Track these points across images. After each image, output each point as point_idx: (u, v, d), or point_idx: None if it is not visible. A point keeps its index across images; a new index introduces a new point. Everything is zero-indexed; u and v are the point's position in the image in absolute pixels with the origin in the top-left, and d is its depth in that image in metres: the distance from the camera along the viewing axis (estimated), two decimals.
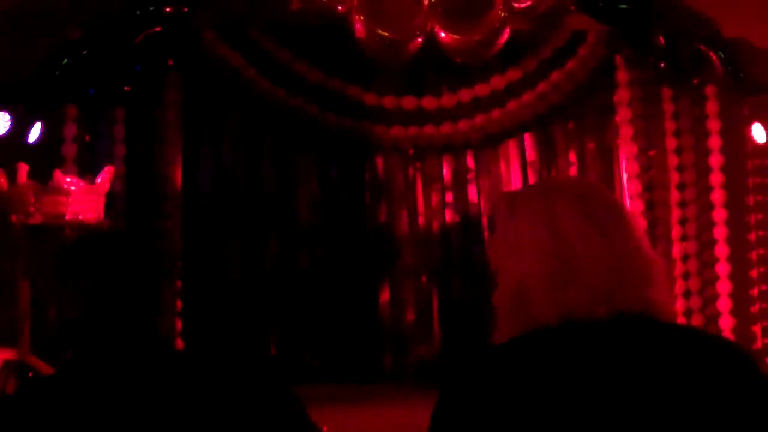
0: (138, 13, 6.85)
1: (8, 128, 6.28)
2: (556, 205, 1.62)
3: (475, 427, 1.53)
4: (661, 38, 7.32)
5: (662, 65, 7.39)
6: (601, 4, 7.41)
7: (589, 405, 1.49)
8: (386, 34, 7.16)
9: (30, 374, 5.16)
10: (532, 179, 7.53)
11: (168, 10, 6.91)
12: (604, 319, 1.54)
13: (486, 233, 7.46)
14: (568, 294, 1.56)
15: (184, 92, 7.11)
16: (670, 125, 7.45)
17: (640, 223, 1.70)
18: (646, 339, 1.54)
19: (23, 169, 5.88)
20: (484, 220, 7.49)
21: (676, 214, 7.21)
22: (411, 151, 7.54)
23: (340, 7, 7.13)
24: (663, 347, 1.54)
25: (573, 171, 7.40)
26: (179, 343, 6.42)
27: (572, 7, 7.38)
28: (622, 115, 7.50)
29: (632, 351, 1.53)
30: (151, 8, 6.88)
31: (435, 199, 7.58)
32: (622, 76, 7.53)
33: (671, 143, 7.42)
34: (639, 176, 7.27)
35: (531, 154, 7.66)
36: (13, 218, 5.71)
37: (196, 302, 6.87)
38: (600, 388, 1.50)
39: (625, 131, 7.46)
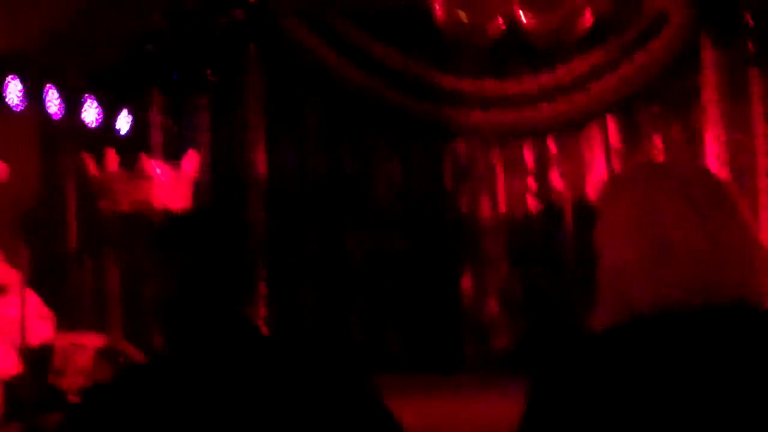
0: None
1: (98, 117, 6.35)
2: (657, 189, 1.59)
3: (570, 421, 1.52)
4: (749, 18, 7.14)
5: (750, 46, 7.21)
6: None
7: (683, 400, 1.47)
8: (466, 16, 7.11)
9: (121, 359, 5.25)
10: (615, 164, 7.41)
11: None
12: (701, 309, 1.51)
13: (569, 219, 7.37)
14: (662, 281, 1.53)
15: (266, 78, 7.13)
16: (757, 108, 7.26)
17: (746, 211, 1.65)
18: (744, 330, 1.50)
19: (112, 156, 5.96)
20: (567, 207, 7.40)
21: (764, 200, 7.04)
22: (491, 136, 7.47)
23: None
24: (761, 339, 1.51)
25: (658, 156, 7.26)
26: (264, 329, 6.48)
27: None
28: (708, 98, 7.33)
29: (729, 343, 1.49)
30: None
31: (517, 185, 7.49)
32: (707, 57, 7.35)
33: (759, 127, 7.24)
34: (726, 161, 7.12)
35: (614, 138, 7.53)
36: (102, 205, 5.80)
37: (279, 288, 6.91)
38: (697, 384, 1.47)
39: (712, 114, 7.29)
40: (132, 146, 6.31)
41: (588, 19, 7.19)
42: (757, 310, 1.50)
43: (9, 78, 6.02)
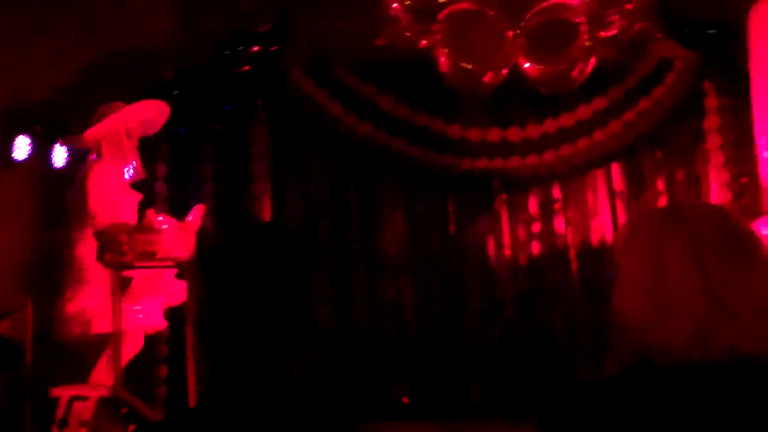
0: (227, 53, 7.02)
1: (65, 161, 6.44)
2: (664, 242, 1.62)
3: None
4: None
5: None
6: (687, 31, 7.34)
7: None
8: (470, 67, 7.19)
9: (124, 410, 5.27)
10: (620, 209, 7.44)
11: (256, 49, 7.07)
12: (699, 362, 1.52)
13: (574, 264, 7.38)
14: (665, 334, 1.55)
15: (271, 129, 7.23)
16: None
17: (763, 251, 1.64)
18: (747, 386, 1.51)
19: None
20: (572, 252, 7.41)
21: None
22: (496, 183, 7.51)
23: (424, 42, 7.18)
24: (757, 393, 1.51)
25: (662, 200, 7.28)
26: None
27: (659, 35, 7.31)
28: (712, 142, 7.37)
29: (729, 397, 1.50)
30: (240, 48, 7.05)
31: (522, 231, 7.53)
32: (711, 102, 7.40)
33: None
34: (731, 204, 7.11)
35: (619, 183, 7.57)
36: (107, 257, 5.84)
37: None
38: None
39: (716, 158, 7.32)
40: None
41: (592, 65, 7.23)
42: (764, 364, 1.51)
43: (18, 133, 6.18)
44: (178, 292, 5.84)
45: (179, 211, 6.35)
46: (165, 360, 6.43)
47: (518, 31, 7.22)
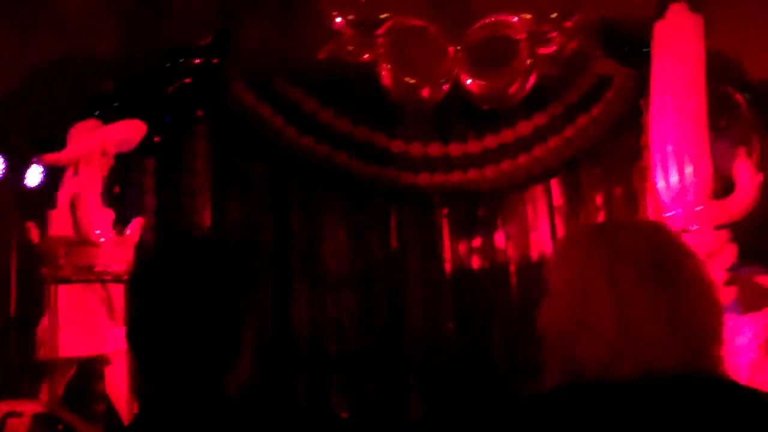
0: (168, 65, 6.97)
1: (41, 180, 6.38)
2: (583, 257, 1.63)
3: None
4: None
5: None
6: (626, 49, 7.45)
7: None
8: (412, 81, 7.22)
9: (59, 426, 5.20)
10: (559, 224, 7.52)
11: (197, 62, 7.03)
12: (611, 382, 1.53)
13: (514, 278, 7.44)
14: (574, 352, 1.57)
15: (212, 142, 7.20)
16: None
17: (696, 272, 1.64)
18: (648, 405, 1.53)
19: (54, 220, 5.96)
20: (512, 266, 7.47)
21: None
22: (437, 198, 7.56)
23: (366, 56, 7.21)
24: (661, 414, 1.53)
25: (600, 216, 7.37)
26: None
27: (597, 53, 7.42)
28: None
29: (628, 418, 1.52)
30: (181, 60, 7.00)
31: (462, 245, 7.57)
32: (648, 119, 7.52)
33: None
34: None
35: (558, 198, 7.65)
36: (44, 271, 5.78)
37: None
38: None
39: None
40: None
41: (532, 82, 7.31)
42: (689, 380, 1.53)
43: None
44: None
45: (118, 224, 6.31)
46: (102, 375, 6.34)
47: (459, 47, 7.28)
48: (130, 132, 6.39)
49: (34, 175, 6.32)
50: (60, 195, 6.00)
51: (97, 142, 6.16)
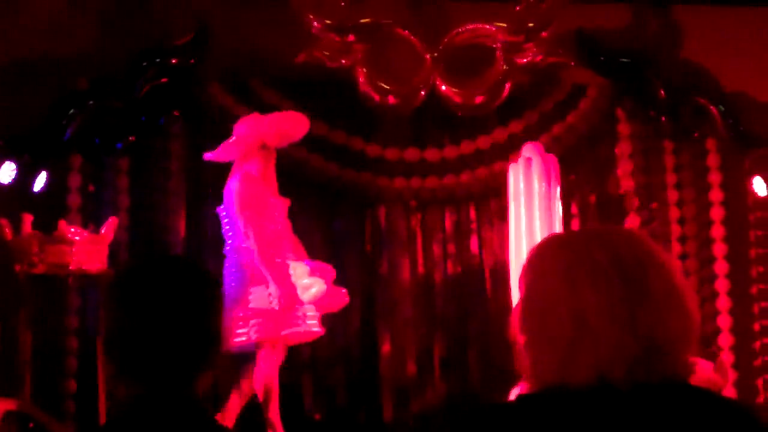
0: (144, 64, 6.94)
1: (13, 177, 6.32)
2: (547, 265, 1.64)
3: None
4: (662, 92, 7.42)
5: (663, 119, 7.48)
6: (601, 59, 7.54)
7: None
8: (389, 87, 7.24)
9: (31, 425, 5.13)
10: None
11: (174, 62, 7.00)
12: (580, 386, 1.54)
13: (488, 284, 7.45)
14: (533, 358, 1.59)
15: (188, 142, 7.16)
16: (671, 178, 7.52)
17: (663, 278, 1.64)
18: (601, 412, 1.53)
19: (28, 219, 5.90)
20: (486, 272, 7.48)
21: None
22: (413, 203, 7.56)
23: (343, 60, 7.22)
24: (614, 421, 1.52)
25: (575, 224, 7.41)
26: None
27: (573, 62, 7.48)
28: (624, 168, 7.56)
29: (584, 425, 1.52)
30: (158, 60, 6.98)
31: (436, 250, 7.57)
32: (623, 128, 7.60)
33: (673, 196, 7.49)
34: (640, 228, 7.29)
35: None
36: (17, 268, 5.72)
37: None
38: None
39: (627, 184, 7.51)
40: (49, 209, 6.27)
41: (507, 90, 7.35)
42: (652, 385, 1.53)
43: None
44: (338, 298, 6.09)
45: (93, 223, 6.26)
46: (74, 375, 6.28)
47: (436, 54, 7.32)
48: (289, 125, 6.37)
49: (5, 173, 6.28)
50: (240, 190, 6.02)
51: (256, 135, 6.08)
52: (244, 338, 5.93)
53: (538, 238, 6.25)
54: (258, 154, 6.28)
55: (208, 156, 6.34)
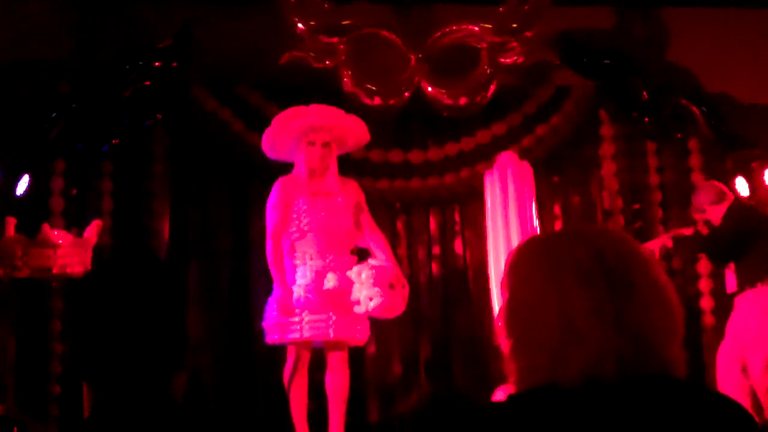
0: (127, 67, 6.92)
1: None
2: (531, 265, 1.64)
3: None
4: (645, 93, 7.44)
5: (646, 120, 7.50)
6: (585, 60, 7.55)
7: None
8: (374, 88, 7.24)
9: (15, 429, 5.13)
10: None
11: (157, 64, 6.98)
12: (569, 386, 1.54)
13: (471, 285, 7.46)
14: (527, 360, 1.59)
15: (171, 145, 7.14)
16: (654, 179, 7.55)
17: (647, 275, 1.65)
18: (593, 409, 1.53)
19: (11, 222, 5.88)
20: (470, 273, 7.49)
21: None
22: (398, 204, 7.56)
23: (328, 62, 7.22)
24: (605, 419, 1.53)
25: (558, 224, 7.43)
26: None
27: (557, 63, 7.50)
28: (607, 169, 7.58)
29: (575, 423, 1.53)
30: (141, 63, 6.95)
31: (421, 251, 7.58)
32: (606, 130, 7.63)
33: (656, 197, 7.52)
34: (624, 229, 7.32)
35: None
36: (0, 272, 5.70)
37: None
38: None
39: (610, 184, 7.54)
40: (33, 212, 6.25)
41: (492, 91, 7.36)
42: (641, 381, 1.54)
43: None
44: (394, 303, 5.94)
45: (76, 227, 6.25)
46: (58, 378, 6.26)
47: (421, 55, 7.32)
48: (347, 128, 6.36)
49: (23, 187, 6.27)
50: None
51: (299, 133, 6.12)
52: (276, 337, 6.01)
53: (515, 243, 6.27)
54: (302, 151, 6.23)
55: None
